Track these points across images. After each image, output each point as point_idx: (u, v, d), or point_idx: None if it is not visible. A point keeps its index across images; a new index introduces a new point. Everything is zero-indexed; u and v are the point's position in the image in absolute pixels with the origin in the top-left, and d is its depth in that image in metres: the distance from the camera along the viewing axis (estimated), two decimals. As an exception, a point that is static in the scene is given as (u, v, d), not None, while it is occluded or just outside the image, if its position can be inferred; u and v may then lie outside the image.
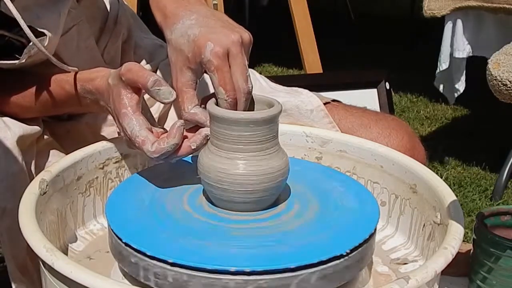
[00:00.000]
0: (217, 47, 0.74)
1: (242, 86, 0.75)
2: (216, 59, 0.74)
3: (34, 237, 0.66)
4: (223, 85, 0.74)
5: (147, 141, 0.75)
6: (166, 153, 0.75)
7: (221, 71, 0.75)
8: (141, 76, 0.75)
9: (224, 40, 0.75)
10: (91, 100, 0.86)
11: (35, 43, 0.81)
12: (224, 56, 0.75)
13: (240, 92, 0.75)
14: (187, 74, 0.78)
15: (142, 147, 0.75)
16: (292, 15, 2.09)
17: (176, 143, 0.74)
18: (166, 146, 0.74)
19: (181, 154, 0.76)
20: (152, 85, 0.74)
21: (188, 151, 0.76)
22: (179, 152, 0.76)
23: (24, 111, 0.91)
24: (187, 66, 0.78)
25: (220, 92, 0.75)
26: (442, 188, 0.78)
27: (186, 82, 0.78)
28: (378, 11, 4.59)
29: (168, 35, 0.81)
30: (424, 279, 0.61)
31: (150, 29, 1.17)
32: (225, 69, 0.75)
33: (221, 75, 0.75)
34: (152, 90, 0.75)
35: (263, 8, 4.56)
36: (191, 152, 0.77)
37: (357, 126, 1.03)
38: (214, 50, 0.74)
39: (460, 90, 2.18)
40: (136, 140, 0.76)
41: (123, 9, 1.11)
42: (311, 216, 0.72)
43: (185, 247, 0.65)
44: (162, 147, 0.74)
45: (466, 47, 2.11)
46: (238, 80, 0.75)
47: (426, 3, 2.08)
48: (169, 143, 0.74)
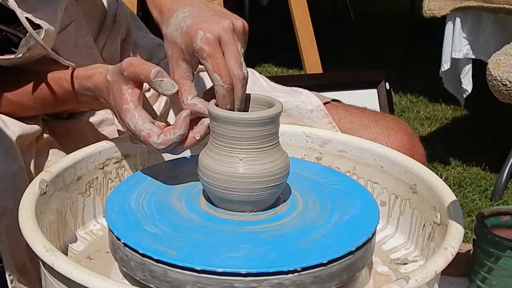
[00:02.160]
0: (207, 34, 0.74)
1: (237, 72, 0.74)
2: (207, 46, 0.74)
3: (34, 237, 0.66)
4: (217, 71, 0.74)
5: (153, 134, 0.75)
6: (172, 144, 0.75)
7: (214, 57, 0.74)
8: (144, 68, 0.75)
9: (215, 27, 0.75)
10: (90, 97, 0.86)
11: (32, 33, 0.81)
12: (215, 42, 0.74)
13: (236, 78, 0.74)
14: (183, 66, 0.78)
15: (148, 140, 0.75)
16: (292, 15, 2.09)
17: (183, 133, 0.75)
18: (173, 137, 0.74)
19: (187, 146, 0.76)
20: (155, 76, 0.74)
21: (193, 142, 0.76)
22: (184, 144, 0.76)
23: (23, 109, 0.91)
24: (182, 58, 0.78)
25: (215, 79, 0.74)
26: (442, 188, 0.78)
27: (183, 74, 0.78)
28: (378, 11, 4.60)
29: (164, 30, 0.81)
30: (424, 279, 0.61)
31: (150, 30, 1.18)
32: (217, 55, 0.74)
33: (214, 62, 0.74)
34: (154, 81, 0.74)
35: (263, 8, 4.56)
36: (195, 143, 0.76)
37: (356, 126, 1.03)
38: (205, 37, 0.74)
39: (468, 91, 2.17)
40: (141, 134, 0.76)
41: (122, 8, 1.11)
42: (311, 217, 0.72)
43: (185, 247, 0.65)
44: (169, 138, 0.74)
45: (464, 48, 2.11)
46: (232, 66, 0.74)
47: (426, 3, 2.08)
48: (176, 133, 0.74)
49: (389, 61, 3.26)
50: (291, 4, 2.08)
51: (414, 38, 3.62)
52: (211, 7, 0.80)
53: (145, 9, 0.86)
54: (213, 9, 0.80)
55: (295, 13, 2.08)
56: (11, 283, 0.88)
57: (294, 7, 2.08)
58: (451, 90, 2.24)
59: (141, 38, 1.14)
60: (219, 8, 0.81)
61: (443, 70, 2.16)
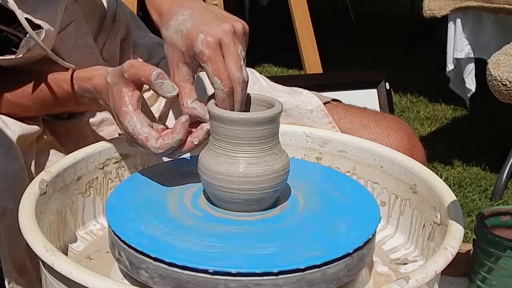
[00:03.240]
0: (208, 37, 0.74)
1: (237, 75, 0.74)
2: (207, 49, 0.74)
3: (34, 237, 0.66)
4: (217, 74, 0.74)
5: (151, 138, 0.75)
6: (170, 149, 0.75)
7: (214, 60, 0.74)
8: (145, 70, 0.75)
9: (215, 30, 0.75)
10: (89, 98, 0.86)
11: (31, 34, 0.81)
12: (215, 45, 0.74)
13: (236, 82, 0.74)
14: (183, 69, 0.78)
15: (146, 144, 0.75)
16: (292, 15, 2.09)
17: (181, 138, 0.74)
18: (171, 141, 0.74)
19: (185, 150, 0.76)
20: (156, 78, 0.74)
21: (190, 147, 0.76)
22: (182, 148, 0.76)
23: (22, 110, 0.91)
24: (182, 61, 0.78)
25: (215, 82, 0.74)
26: (442, 188, 0.78)
27: (183, 77, 0.78)
28: (378, 11, 4.60)
29: (163, 33, 0.81)
30: (424, 279, 0.61)
31: (150, 30, 1.17)
32: (218, 59, 0.74)
33: (214, 65, 0.74)
34: (155, 83, 0.75)
35: (263, 8, 4.56)
36: (193, 148, 0.76)
37: (356, 126, 1.03)
38: (205, 40, 0.74)
39: (472, 90, 2.16)
40: (139, 137, 0.75)
41: (121, 7, 1.11)
42: (311, 217, 0.72)
43: (185, 247, 0.65)
44: (167, 142, 0.74)
45: (465, 47, 2.11)
46: (232, 69, 0.74)
47: (426, 3, 2.08)
48: (174, 138, 0.74)
49: (389, 61, 3.26)
50: (291, 4, 2.08)
51: (414, 38, 3.62)
52: (211, 10, 0.80)
53: (145, 9, 0.86)
54: (213, 12, 0.80)
55: (295, 13, 2.09)
56: (8, 284, 0.88)
57: (294, 7, 2.08)
58: (457, 90, 2.24)
59: (141, 37, 1.14)
60: (219, 10, 0.81)
61: (448, 70, 2.16)
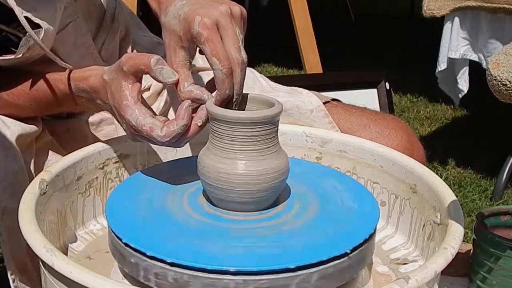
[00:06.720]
0: (205, 19, 0.75)
1: (236, 56, 0.74)
2: (205, 30, 0.74)
3: (34, 237, 0.66)
4: (215, 55, 0.74)
5: (155, 127, 0.75)
6: (176, 136, 0.74)
7: (212, 41, 0.74)
8: (143, 58, 0.75)
9: (212, 12, 0.75)
10: (86, 99, 0.86)
11: (30, 33, 0.81)
12: (213, 26, 0.75)
13: (235, 62, 0.74)
14: (180, 53, 0.78)
15: (151, 134, 0.75)
16: (292, 15, 2.09)
17: (186, 124, 0.74)
18: (177, 128, 0.74)
19: (190, 135, 0.76)
20: (155, 64, 0.75)
21: (196, 130, 0.76)
22: (188, 133, 0.75)
23: (19, 110, 0.91)
24: (180, 45, 0.78)
25: (214, 63, 0.74)
26: (442, 188, 0.78)
27: (180, 62, 0.78)
28: (378, 11, 4.60)
29: (162, 19, 0.81)
30: (424, 279, 0.61)
31: (150, 30, 1.18)
32: (215, 40, 0.74)
33: (212, 45, 0.74)
34: (155, 69, 0.75)
35: (263, 8, 4.57)
36: (198, 131, 0.76)
37: (356, 126, 1.03)
38: (202, 21, 0.74)
39: (464, 91, 2.17)
40: (143, 129, 0.75)
41: (120, 7, 1.11)
42: (311, 216, 0.72)
43: (185, 247, 0.65)
44: (173, 129, 0.74)
45: (461, 48, 2.11)
46: (231, 50, 0.74)
47: (425, 3, 2.09)
48: (179, 124, 0.74)
49: (389, 61, 3.26)
50: (291, 4, 2.08)
51: (414, 38, 3.62)
52: None
53: (145, 9, 0.86)
54: None
55: (295, 13, 2.09)
56: (13, 282, 0.88)
57: (294, 7, 2.08)
58: (445, 90, 2.25)
59: (140, 37, 1.14)
60: None
61: (439, 69, 2.17)
